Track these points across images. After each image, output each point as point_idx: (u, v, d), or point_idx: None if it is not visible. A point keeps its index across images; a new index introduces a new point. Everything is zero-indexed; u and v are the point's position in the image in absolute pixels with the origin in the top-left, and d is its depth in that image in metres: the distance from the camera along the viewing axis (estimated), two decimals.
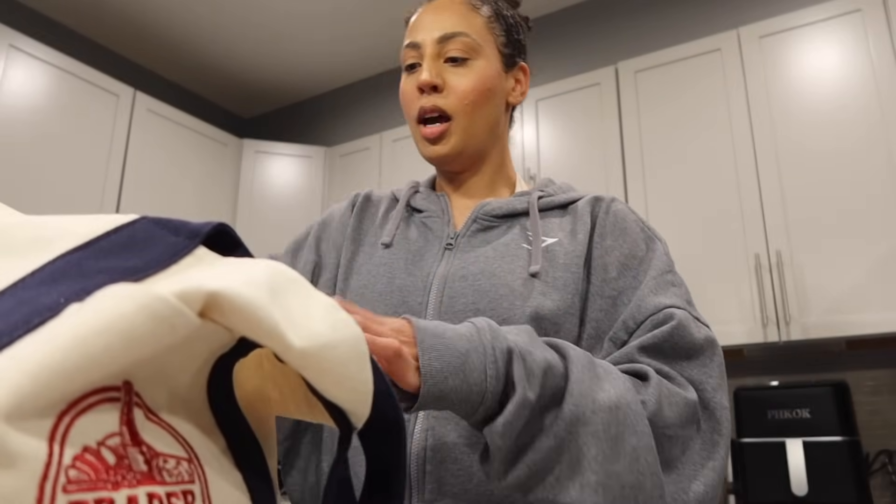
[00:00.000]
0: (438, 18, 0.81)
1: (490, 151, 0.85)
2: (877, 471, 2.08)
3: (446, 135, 0.79)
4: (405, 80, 0.83)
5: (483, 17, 0.82)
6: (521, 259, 0.75)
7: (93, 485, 0.18)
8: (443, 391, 0.54)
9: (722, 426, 0.66)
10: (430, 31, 0.80)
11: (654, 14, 2.83)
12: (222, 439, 0.25)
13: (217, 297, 0.20)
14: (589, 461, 0.55)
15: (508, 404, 0.54)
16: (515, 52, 0.86)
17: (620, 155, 2.41)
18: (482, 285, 0.73)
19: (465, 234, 0.79)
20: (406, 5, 0.98)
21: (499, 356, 0.55)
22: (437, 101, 0.78)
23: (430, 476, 0.67)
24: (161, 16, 3.12)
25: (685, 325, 0.67)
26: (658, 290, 0.71)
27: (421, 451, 0.69)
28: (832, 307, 1.96)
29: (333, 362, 0.22)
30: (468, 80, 0.79)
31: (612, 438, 0.56)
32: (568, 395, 0.56)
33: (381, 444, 0.29)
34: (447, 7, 0.82)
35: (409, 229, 0.83)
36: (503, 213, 0.80)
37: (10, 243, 0.23)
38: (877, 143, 2.00)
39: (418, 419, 0.70)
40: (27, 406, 0.17)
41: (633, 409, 0.58)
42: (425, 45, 0.80)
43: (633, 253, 0.75)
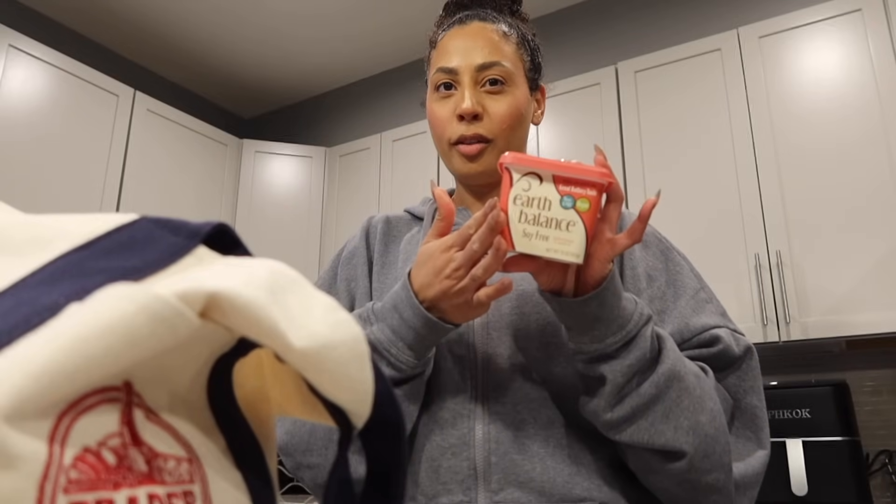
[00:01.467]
0: (475, 45, 0.83)
1: None
2: (877, 471, 2.08)
3: (483, 154, 0.82)
4: (438, 101, 0.85)
5: (513, 44, 0.85)
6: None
7: (93, 485, 0.18)
8: (613, 298, 0.65)
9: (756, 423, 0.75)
10: (467, 57, 0.83)
11: (654, 14, 2.83)
12: (222, 439, 0.25)
13: (217, 297, 0.20)
14: (682, 409, 0.66)
15: (636, 350, 0.65)
16: (537, 75, 0.89)
17: (620, 155, 2.41)
18: (525, 289, 0.78)
19: None
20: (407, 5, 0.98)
21: (644, 314, 0.67)
22: (479, 130, 0.81)
23: (496, 467, 0.71)
24: (161, 16, 3.12)
25: (728, 345, 0.75)
26: (697, 310, 0.78)
27: (485, 443, 0.72)
28: (832, 307, 1.96)
29: (333, 362, 0.22)
30: (505, 107, 0.82)
31: (698, 396, 0.67)
32: (664, 357, 0.66)
33: (382, 445, 0.29)
34: (481, 34, 0.84)
35: None
36: None
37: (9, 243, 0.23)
38: (877, 142, 2.00)
39: (477, 412, 0.74)
40: (27, 407, 0.17)
41: (709, 385, 0.70)
42: (463, 72, 0.82)
43: (655, 265, 0.81)
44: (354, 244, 0.92)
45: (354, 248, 0.92)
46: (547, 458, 0.71)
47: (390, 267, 0.87)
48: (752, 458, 0.73)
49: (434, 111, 0.85)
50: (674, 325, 0.77)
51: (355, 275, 0.89)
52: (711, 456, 0.67)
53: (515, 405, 0.73)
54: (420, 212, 0.91)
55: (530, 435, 0.72)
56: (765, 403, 0.76)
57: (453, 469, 0.72)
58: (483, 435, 0.72)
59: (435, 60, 0.87)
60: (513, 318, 0.76)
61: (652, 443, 0.66)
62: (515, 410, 0.73)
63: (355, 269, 0.89)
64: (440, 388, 0.76)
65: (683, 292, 0.79)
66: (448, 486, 0.72)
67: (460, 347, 0.76)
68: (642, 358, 0.65)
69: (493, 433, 0.72)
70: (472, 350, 0.76)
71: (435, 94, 0.86)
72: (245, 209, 3.19)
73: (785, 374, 2.28)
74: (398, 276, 0.84)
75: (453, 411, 0.74)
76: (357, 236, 0.92)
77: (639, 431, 0.66)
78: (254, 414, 0.27)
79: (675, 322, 0.77)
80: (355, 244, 0.92)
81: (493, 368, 0.75)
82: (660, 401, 0.65)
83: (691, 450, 0.66)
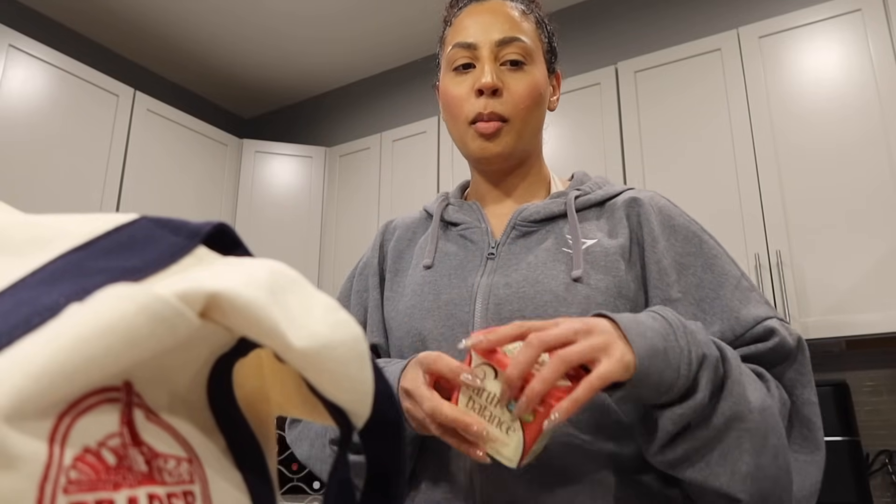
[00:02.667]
0: (495, 20, 0.81)
1: (532, 153, 0.86)
2: (877, 471, 2.08)
3: (501, 133, 0.79)
4: (455, 80, 0.82)
5: (533, 24, 0.83)
6: (563, 263, 0.75)
7: (93, 485, 0.18)
8: (648, 375, 0.58)
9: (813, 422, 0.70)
10: (487, 32, 0.80)
11: (654, 14, 2.83)
12: (222, 439, 0.25)
13: (217, 297, 0.20)
14: (741, 453, 0.61)
15: (689, 401, 0.60)
16: (554, 59, 0.87)
17: (620, 155, 2.41)
18: (527, 292, 0.73)
19: (506, 243, 0.80)
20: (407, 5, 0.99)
21: (693, 360, 0.60)
22: (496, 107, 0.78)
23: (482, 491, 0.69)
24: (161, 16, 3.12)
25: (783, 337, 0.70)
26: (745, 300, 0.73)
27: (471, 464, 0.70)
28: (832, 307, 1.96)
29: (333, 362, 0.23)
30: (525, 85, 0.79)
31: (761, 436, 0.62)
32: (727, 394, 0.61)
33: (382, 445, 0.29)
34: (501, 10, 0.82)
35: (448, 245, 0.83)
36: (541, 217, 0.80)
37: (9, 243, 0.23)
38: (877, 142, 2.00)
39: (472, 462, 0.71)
40: (27, 407, 0.17)
41: (774, 412, 0.64)
42: (482, 47, 0.80)
43: (686, 250, 0.75)
44: (368, 256, 0.91)
45: (368, 259, 0.91)
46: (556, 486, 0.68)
47: (402, 274, 0.86)
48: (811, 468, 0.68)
49: (449, 90, 0.82)
50: (723, 319, 0.71)
51: (366, 286, 0.88)
52: (770, 498, 0.63)
53: None
54: (432, 209, 0.89)
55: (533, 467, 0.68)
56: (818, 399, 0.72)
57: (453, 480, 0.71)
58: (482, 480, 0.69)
59: (451, 38, 0.83)
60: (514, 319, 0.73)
61: (706, 484, 0.61)
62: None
63: (366, 281, 0.89)
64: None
65: (726, 280, 0.73)
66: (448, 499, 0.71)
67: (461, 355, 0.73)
68: (697, 407, 0.60)
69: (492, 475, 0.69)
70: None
71: (451, 73, 0.82)
72: (245, 209, 3.19)
73: None
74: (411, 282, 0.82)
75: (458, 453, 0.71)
76: (371, 246, 0.92)
77: (693, 471, 0.61)
78: (254, 414, 0.27)
79: (722, 315, 0.72)
80: (368, 256, 0.91)
81: None
82: (718, 443, 0.60)
83: (747, 497, 0.61)
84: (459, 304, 0.76)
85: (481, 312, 0.74)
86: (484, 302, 0.75)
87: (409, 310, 0.79)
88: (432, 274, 0.80)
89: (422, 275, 0.81)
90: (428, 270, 0.81)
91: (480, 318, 0.74)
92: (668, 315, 0.63)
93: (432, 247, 0.83)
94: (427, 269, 0.81)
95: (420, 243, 0.87)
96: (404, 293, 0.82)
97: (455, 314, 0.76)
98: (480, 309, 0.74)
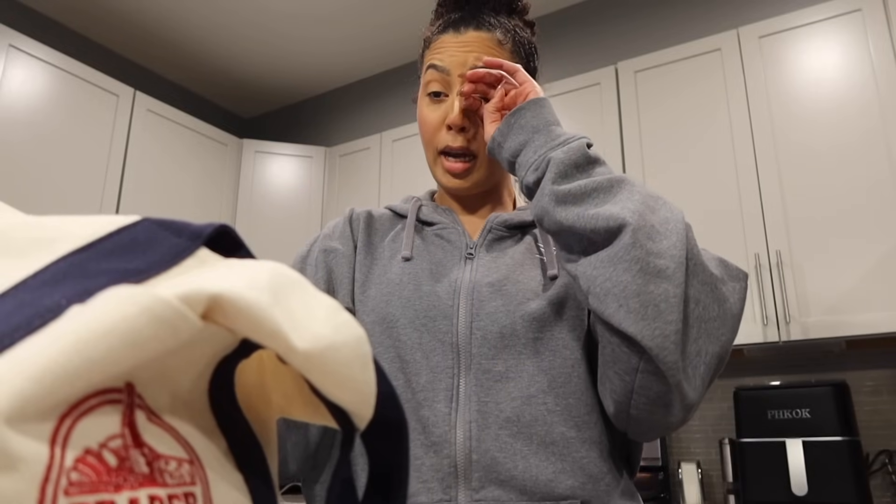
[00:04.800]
0: (468, 52, 0.84)
1: (498, 173, 0.89)
2: (877, 471, 2.08)
3: (472, 171, 0.84)
4: (428, 106, 0.86)
5: (507, 52, 0.86)
6: (537, 266, 0.80)
7: (94, 487, 0.18)
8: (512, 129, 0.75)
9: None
10: (459, 63, 0.83)
11: (654, 14, 2.83)
12: (223, 441, 0.25)
13: (220, 299, 0.20)
14: (630, 197, 0.66)
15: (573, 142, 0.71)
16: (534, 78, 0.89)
17: (620, 155, 2.41)
18: (509, 290, 0.77)
19: (483, 245, 0.83)
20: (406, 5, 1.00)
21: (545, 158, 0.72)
22: (465, 144, 0.83)
23: (477, 465, 0.71)
24: (161, 16, 3.12)
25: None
26: None
27: (466, 441, 0.72)
28: (832, 307, 1.97)
29: (336, 364, 0.22)
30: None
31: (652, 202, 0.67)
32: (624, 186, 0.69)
33: (384, 445, 0.29)
34: (476, 42, 0.84)
35: (423, 242, 0.86)
36: (514, 224, 0.85)
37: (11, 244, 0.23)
38: (876, 142, 2.00)
39: (459, 410, 0.73)
40: (29, 409, 0.17)
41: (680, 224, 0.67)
42: (452, 76, 0.83)
43: None
44: (337, 225, 0.91)
45: (335, 225, 0.91)
46: (530, 456, 0.71)
47: (376, 261, 0.86)
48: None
49: (424, 115, 0.86)
50: None
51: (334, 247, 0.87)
52: (656, 238, 0.64)
53: (498, 403, 0.73)
54: (403, 210, 0.90)
55: (513, 433, 0.71)
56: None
57: (434, 467, 0.72)
58: (464, 433, 0.72)
59: (427, 58, 0.87)
60: (498, 315, 0.76)
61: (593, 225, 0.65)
62: (499, 409, 0.72)
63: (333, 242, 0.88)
64: (423, 387, 0.75)
65: None
66: (429, 485, 0.71)
67: (444, 345, 0.76)
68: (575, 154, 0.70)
69: (475, 431, 0.72)
70: (456, 348, 0.76)
71: (426, 97, 0.86)
72: (245, 209, 3.19)
73: (785, 374, 2.28)
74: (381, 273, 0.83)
75: (435, 409, 0.74)
76: (340, 221, 0.92)
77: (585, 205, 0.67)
78: (255, 416, 0.27)
79: None
80: (338, 225, 0.91)
81: (477, 366, 0.75)
82: (611, 189, 0.68)
83: (634, 221, 0.63)
84: (442, 298, 0.78)
85: (465, 308, 0.77)
86: (468, 298, 0.77)
87: (386, 297, 0.80)
88: (412, 266, 0.82)
89: (401, 266, 0.83)
90: (407, 262, 0.83)
91: (465, 314, 0.77)
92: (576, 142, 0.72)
93: (409, 240, 0.85)
94: (406, 261, 0.83)
95: (391, 237, 0.88)
96: (379, 281, 0.83)
97: (437, 306, 0.78)
98: (464, 304, 0.77)
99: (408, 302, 0.79)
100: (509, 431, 0.71)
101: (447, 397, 0.74)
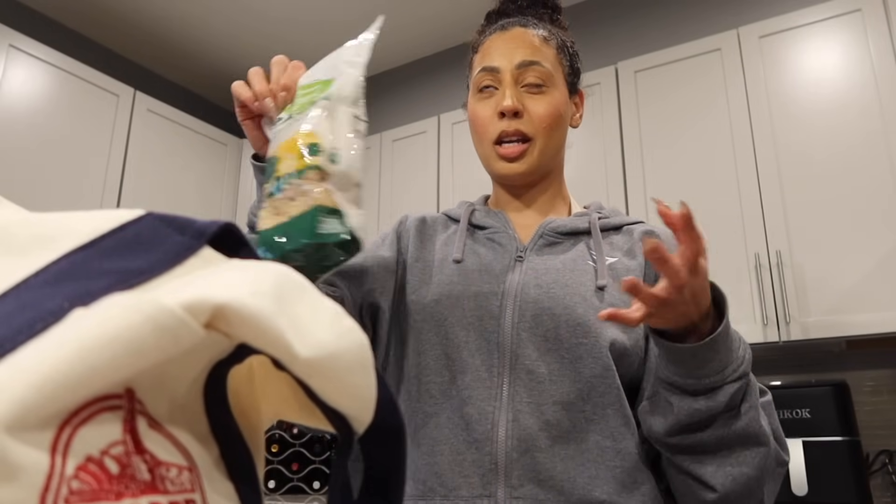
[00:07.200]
0: (515, 46, 0.87)
1: (553, 171, 0.92)
2: (877, 471, 2.08)
3: (525, 154, 0.85)
4: (479, 102, 0.88)
5: (553, 49, 0.89)
6: (588, 274, 0.82)
7: (95, 495, 0.18)
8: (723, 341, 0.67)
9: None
10: (508, 57, 0.86)
11: (654, 14, 2.83)
12: (216, 448, 0.25)
13: (224, 309, 0.20)
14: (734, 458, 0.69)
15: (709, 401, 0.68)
16: (576, 79, 0.93)
17: (620, 154, 2.41)
18: (556, 293, 0.79)
19: (533, 249, 0.85)
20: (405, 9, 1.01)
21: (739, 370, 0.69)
22: (520, 126, 0.84)
23: (517, 463, 0.73)
24: (161, 16, 3.12)
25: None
26: None
27: (508, 440, 0.74)
28: (832, 307, 1.96)
29: (338, 370, 0.22)
30: (545, 106, 0.85)
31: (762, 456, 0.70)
32: (748, 408, 0.69)
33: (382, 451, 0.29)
34: (522, 37, 0.88)
35: (475, 245, 0.88)
36: (567, 230, 0.86)
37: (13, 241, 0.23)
38: (877, 142, 2.00)
39: (502, 409, 0.75)
40: (29, 417, 0.17)
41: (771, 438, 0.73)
42: (504, 71, 0.86)
43: None
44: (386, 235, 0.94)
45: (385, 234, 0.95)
46: (567, 459, 0.73)
47: (428, 264, 0.89)
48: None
49: (475, 111, 0.88)
50: None
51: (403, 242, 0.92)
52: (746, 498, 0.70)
53: (540, 405, 0.75)
54: (456, 214, 0.94)
55: (553, 435, 0.74)
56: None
57: (476, 463, 0.74)
58: (506, 431, 0.74)
59: (477, 63, 0.91)
60: (543, 318, 0.78)
61: (691, 472, 0.70)
62: (540, 410, 0.74)
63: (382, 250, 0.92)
64: (468, 384, 0.78)
65: None
66: (469, 480, 0.74)
67: (490, 345, 0.79)
68: (711, 410, 0.68)
69: (517, 430, 0.74)
70: (501, 348, 0.78)
71: (477, 95, 0.89)
72: (245, 209, 3.18)
73: (785, 374, 2.28)
74: (433, 275, 0.86)
75: (479, 407, 0.76)
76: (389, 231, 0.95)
77: (684, 460, 0.71)
78: (245, 422, 0.27)
79: None
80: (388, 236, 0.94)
81: (521, 368, 0.77)
82: (718, 450, 0.69)
83: (724, 491, 0.69)
84: (490, 298, 0.81)
85: (511, 307, 0.79)
86: (514, 298, 0.80)
87: (437, 297, 0.84)
88: (462, 268, 0.85)
89: (451, 268, 0.86)
90: (458, 264, 0.86)
91: (511, 314, 0.79)
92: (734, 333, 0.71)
93: (461, 243, 0.88)
94: (457, 262, 0.86)
95: (443, 240, 0.91)
96: (430, 282, 0.86)
97: (485, 306, 0.81)
98: (511, 304, 0.80)
99: (457, 302, 0.82)
100: (548, 434, 0.74)
101: (491, 396, 0.76)
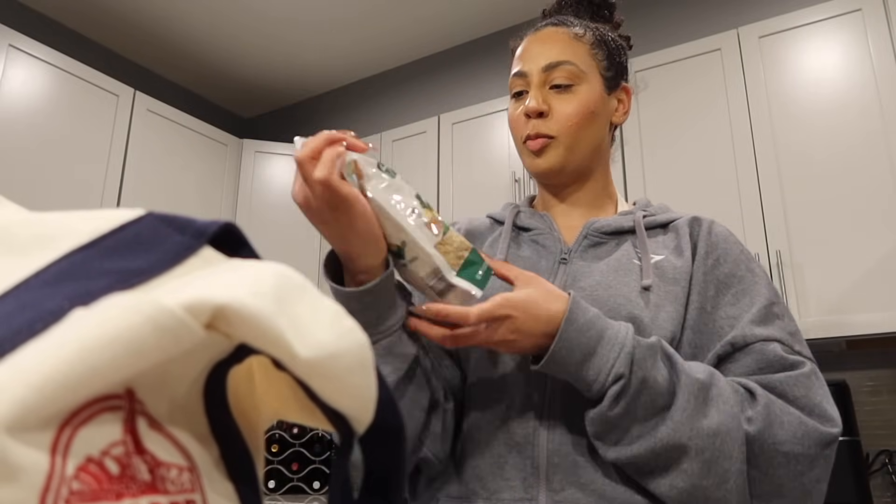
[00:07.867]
0: (543, 48, 0.87)
1: (594, 169, 0.91)
2: (877, 471, 2.08)
3: (548, 149, 0.85)
4: (513, 106, 0.90)
5: (586, 45, 0.88)
6: (634, 273, 0.80)
7: (95, 496, 0.18)
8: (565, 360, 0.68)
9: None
10: (535, 61, 0.87)
11: (654, 14, 2.83)
12: (216, 448, 0.25)
13: (224, 309, 0.20)
14: (679, 473, 0.66)
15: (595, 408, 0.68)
16: (617, 74, 0.91)
17: (620, 154, 2.41)
18: (600, 295, 0.78)
19: (578, 250, 0.85)
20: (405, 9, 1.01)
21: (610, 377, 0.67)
22: (541, 128, 0.85)
23: (558, 467, 0.72)
24: (161, 16, 3.12)
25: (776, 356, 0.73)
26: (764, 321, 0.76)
27: (549, 443, 0.74)
28: (832, 307, 1.96)
29: (339, 371, 0.22)
30: (572, 106, 0.85)
31: (705, 461, 0.66)
32: (669, 419, 0.67)
33: (382, 451, 0.29)
34: (551, 37, 0.88)
35: (519, 248, 0.88)
36: (612, 230, 0.85)
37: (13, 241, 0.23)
38: (877, 143, 2.00)
39: (544, 414, 0.75)
40: (30, 418, 0.17)
41: (732, 437, 0.67)
42: (531, 74, 0.87)
43: (734, 272, 0.80)
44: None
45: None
46: (608, 465, 0.72)
47: None
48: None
49: (510, 113, 0.90)
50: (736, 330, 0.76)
51: None
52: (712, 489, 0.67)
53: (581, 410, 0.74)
54: (501, 216, 0.94)
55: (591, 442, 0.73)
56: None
57: (517, 467, 0.74)
58: (547, 435, 0.74)
59: (513, 67, 0.92)
60: None
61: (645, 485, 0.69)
62: (581, 416, 0.73)
63: None
64: (508, 388, 0.77)
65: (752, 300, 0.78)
66: (511, 483, 0.73)
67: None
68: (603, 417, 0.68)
69: (558, 435, 0.74)
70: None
71: (511, 99, 0.91)
72: (245, 209, 3.19)
73: None
74: None
75: (520, 411, 0.76)
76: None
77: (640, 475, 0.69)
78: (244, 422, 0.27)
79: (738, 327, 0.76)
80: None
81: None
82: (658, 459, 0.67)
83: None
84: None
85: None
86: None
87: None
88: None
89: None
90: None
91: None
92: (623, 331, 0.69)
93: (504, 245, 0.88)
94: None
95: (488, 243, 0.92)
96: None
97: None
98: None
99: None
100: (589, 439, 0.73)
101: (533, 399, 0.76)
